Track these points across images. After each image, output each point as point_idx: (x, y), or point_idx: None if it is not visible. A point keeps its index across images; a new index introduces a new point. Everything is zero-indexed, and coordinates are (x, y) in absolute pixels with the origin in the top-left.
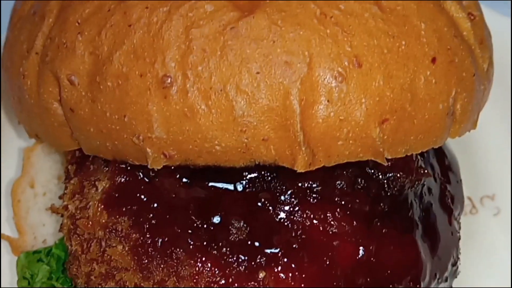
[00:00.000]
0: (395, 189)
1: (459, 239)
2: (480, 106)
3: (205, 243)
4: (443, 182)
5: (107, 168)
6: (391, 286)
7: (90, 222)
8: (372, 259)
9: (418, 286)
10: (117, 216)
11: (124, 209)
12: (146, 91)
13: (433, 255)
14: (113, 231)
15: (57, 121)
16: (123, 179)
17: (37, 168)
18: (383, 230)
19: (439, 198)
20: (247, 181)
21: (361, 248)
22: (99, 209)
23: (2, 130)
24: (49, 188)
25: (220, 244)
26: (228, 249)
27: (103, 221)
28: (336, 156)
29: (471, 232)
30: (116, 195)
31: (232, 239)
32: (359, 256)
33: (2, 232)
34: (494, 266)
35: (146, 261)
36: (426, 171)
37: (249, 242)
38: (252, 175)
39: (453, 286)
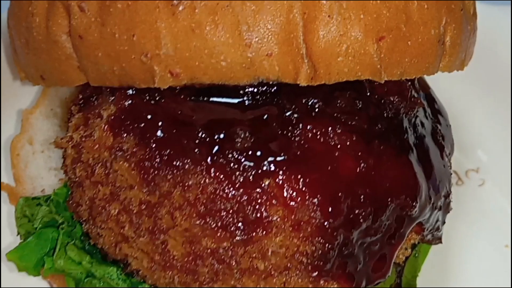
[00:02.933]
0: (391, 112)
1: (451, 174)
2: (468, 46)
3: (211, 152)
4: (434, 121)
5: (112, 97)
6: (389, 199)
7: (96, 145)
8: (371, 172)
9: (414, 203)
10: (123, 136)
11: (129, 129)
12: (155, 9)
13: (427, 179)
14: (119, 150)
15: (64, 54)
16: (128, 103)
17: (35, 129)
18: (381, 148)
19: (431, 133)
20: (250, 98)
21: (360, 161)
22: (105, 131)
23: (2, 92)
24: (47, 147)
25: (226, 152)
26: (233, 157)
27: (109, 142)
28: (336, 73)
29: (458, 201)
30: (122, 117)
31: (237, 148)
32: (359, 168)
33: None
34: (482, 231)
35: (152, 174)
36: (419, 101)
37: (253, 151)
38: (256, 93)
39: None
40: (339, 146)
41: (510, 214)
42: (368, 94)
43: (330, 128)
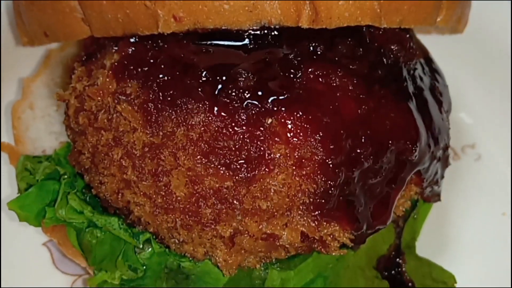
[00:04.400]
0: (391, 59)
1: (449, 129)
2: (463, 6)
3: (214, 91)
4: (432, 79)
5: (116, 48)
6: (389, 141)
7: (100, 91)
8: (372, 115)
9: (414, 147)
10: (126, 81)
11: (133, 73)
12: None
13: (426, 128)
14: (122, 94)
15: (69, 6)
16: (131, 49)
17: (36, 96)
18: (381, 92)
19: (430, 88)
20: (253, 42)
21: (361, 103)
22: (108, 77)
23: (3, 59)
24: (48, 113)
25: (229, 91)
26: (236, 96)
27: (112, 88)
28: (337, 18)
29: (454, 175)
30: (125, 62)
31: (240, 86)
32: (360, 110)
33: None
34: (478, 201)
35: (155, 115)
36: (417, 52)
37: (256, 90)
38: (258, 37)
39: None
40: (340, 88)
41: (510, 182)
42: (368, 42)
43: (331, 71)
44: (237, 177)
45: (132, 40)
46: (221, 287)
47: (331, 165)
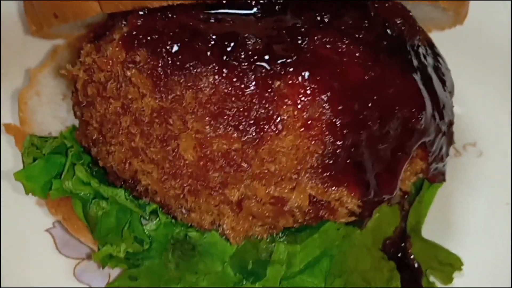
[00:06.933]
0: (395, 32)
1: (453, 107)
2: None
3: (222, 54)
4: (435, 60)
5: (125, 23)
6: (396, 107)
7: (109, 61)
8: (378, 81)
9: (420, 116)
10: (135, 50)
11: (142, 42)
12: None
13: (431, 101)
14: (131, 63)
15: None
16: (140, 21)
17: (43, 85)
18: (387, 61)
19: (433, 67)
20: (260, 11)
21: (368, 69)
22: (118, 47)
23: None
24: (55, 101)
25: (238, 54)
26: (245, 58)
27: (121, 57)
28: None
29: (456, 170)
30: (134, 33)
31: (249, 50)
32: (367, 75)
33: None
34: (482, 192)
35: (164, 79)
36: (420, 29)
37: (264, 54)
38: (265, 6)
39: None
40: (347, 54)
41: (510, 174)
42: (373, 15)
43: (337, 38)
44: (245, 139)
45: (141, 13)
46: (227, 259)
47: (339, 126)
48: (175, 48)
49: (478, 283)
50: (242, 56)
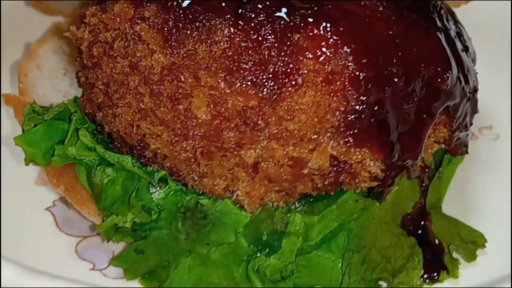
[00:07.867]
0: None
1: (477, 73)
2: None
3: (238, 7)
4: (457, 26)
5: None
6: (421, 65)
7: (117, 18)
8: (403, 37)
9: (446, 75)
10: (144, 5)
11: None
12: None
13: (456, 63)
14: (140, 19)
15: None
16: None
17: (44, 59)
18: (412, 18)
19: (456, 33)
20: None
21: (392, 24)
22: (125, 4)
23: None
24: (56, 75)
25: (254, 6)
26: (262, 10)
27: (130, 14)
28: None
29: (473, 152)
30: None
31: (266, 1)
32: (391, 31)
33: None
34: (498, 174)
35: (176, 34)
36: None
37: (283, 5)
38: None
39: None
40: (370, 8)
41: None
42: None
43: None
44: (262, 95)
45: None
46: (241, 229)
47: (363, 80)
48: (186, 5)
49: (501, 261)
50: (259, 7)
